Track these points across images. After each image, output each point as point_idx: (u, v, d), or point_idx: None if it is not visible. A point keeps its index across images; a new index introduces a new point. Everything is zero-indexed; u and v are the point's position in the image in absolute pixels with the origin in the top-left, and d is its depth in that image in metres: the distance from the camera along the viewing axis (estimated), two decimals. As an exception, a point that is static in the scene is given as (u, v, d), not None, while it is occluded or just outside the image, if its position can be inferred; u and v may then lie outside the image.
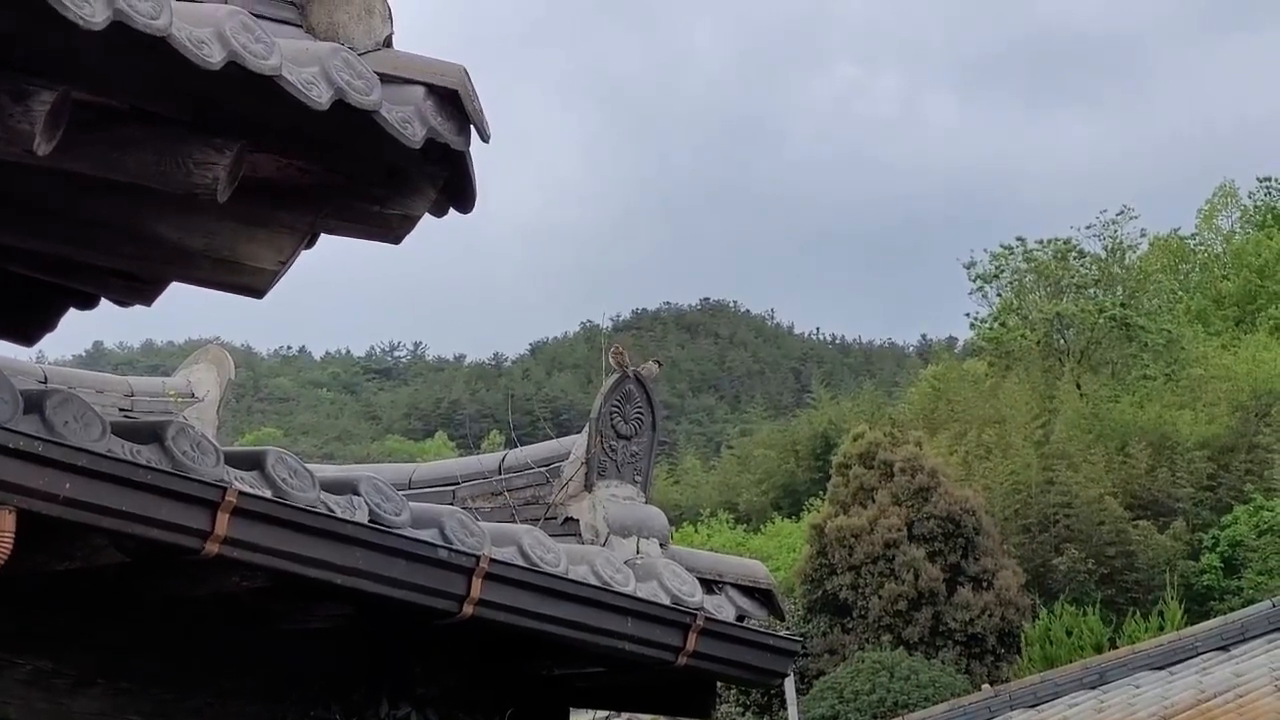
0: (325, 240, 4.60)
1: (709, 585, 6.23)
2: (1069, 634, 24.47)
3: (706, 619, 5.87)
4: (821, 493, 35.57)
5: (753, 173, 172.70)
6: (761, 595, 6.43)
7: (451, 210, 4.50)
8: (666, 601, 5.85)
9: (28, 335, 5.23)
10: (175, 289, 4.82)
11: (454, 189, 4.42)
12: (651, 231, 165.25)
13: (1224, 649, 13.05)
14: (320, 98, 3.83)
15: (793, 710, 21.44)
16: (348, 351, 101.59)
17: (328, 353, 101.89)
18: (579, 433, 6.72)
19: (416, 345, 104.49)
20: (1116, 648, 16.85)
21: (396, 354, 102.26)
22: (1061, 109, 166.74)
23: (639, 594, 5.73)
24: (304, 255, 4.52)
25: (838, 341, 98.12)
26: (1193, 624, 16.10)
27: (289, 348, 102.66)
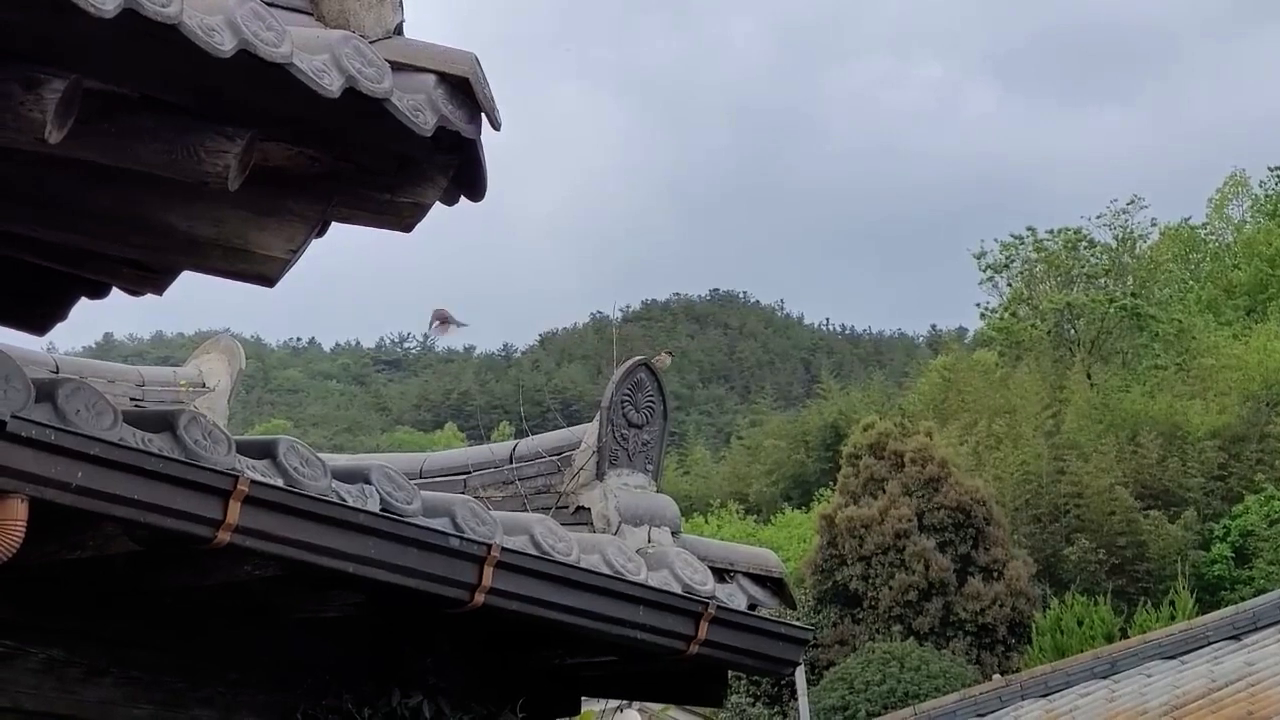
0: (335, 232, 4.60)
1: (720, 574, 6.22)
2: (1080, 624, 24.47)
3: (718, 607, 5.87)
4: (831, 483, 35.60)
5: (782, 165, 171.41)
6: (773, 584, 6.42)
7: (462, 198, 4.50)
8: (678, 590, 5.85)
9: (40, 324, 5.23)
10: (186, 281, 4.82)
11: (465, 177, 4.42)
12: (670, 225, 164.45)
13: (1235, 638, 13.01)
14: (331, 86, 3.82)
15: (803, 701, 21.44)
16: (357, 343, 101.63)
17: (337, 344, 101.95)
18: (589, 422, 6.71)
19: (426, 337, 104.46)
20: (1127, 637, 16.83)
21: (406, 345, 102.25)
22: (1095, 100, 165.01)
23: (650, 583, 5.73)
24: (314, 247, 4.52)
25: (847, 332, 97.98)
26: (1204, 613, 16.07)
27: (298, 339, 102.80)
